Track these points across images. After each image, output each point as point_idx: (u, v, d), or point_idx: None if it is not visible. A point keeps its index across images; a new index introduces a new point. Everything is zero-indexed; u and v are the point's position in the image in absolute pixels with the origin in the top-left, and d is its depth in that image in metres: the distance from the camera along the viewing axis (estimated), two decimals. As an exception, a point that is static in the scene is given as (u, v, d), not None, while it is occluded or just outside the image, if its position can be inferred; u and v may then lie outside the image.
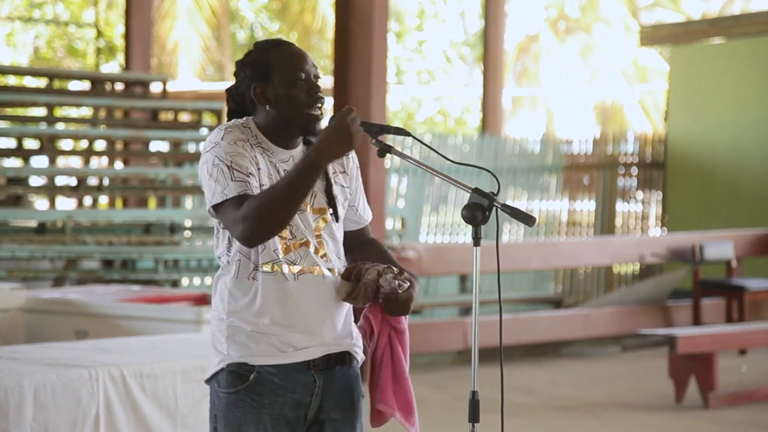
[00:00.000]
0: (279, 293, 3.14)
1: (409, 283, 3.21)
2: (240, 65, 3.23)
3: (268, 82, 3.18)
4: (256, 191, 3.08)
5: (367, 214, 3.38)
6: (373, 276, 3.18)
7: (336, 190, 3.26)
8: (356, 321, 3.31)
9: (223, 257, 3.19)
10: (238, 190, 3.06)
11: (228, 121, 3.25)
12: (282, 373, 3.16)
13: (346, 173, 3.30)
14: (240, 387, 3.14)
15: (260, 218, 3.01)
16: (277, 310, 3.14)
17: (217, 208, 3.10)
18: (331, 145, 3.03)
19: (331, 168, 3.26)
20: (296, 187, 3.02)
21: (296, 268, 3.16)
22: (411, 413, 3.28)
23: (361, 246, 3.34)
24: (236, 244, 3.13)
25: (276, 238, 3.14)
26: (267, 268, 3.13)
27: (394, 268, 3.22)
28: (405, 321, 3.28)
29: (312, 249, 3.19)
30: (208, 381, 3.25)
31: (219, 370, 3.18)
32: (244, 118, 3.22)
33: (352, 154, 3.34)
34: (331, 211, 3.23)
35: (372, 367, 3.27)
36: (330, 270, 3.21)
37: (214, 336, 3.21)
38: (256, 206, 3.01)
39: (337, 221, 3.25)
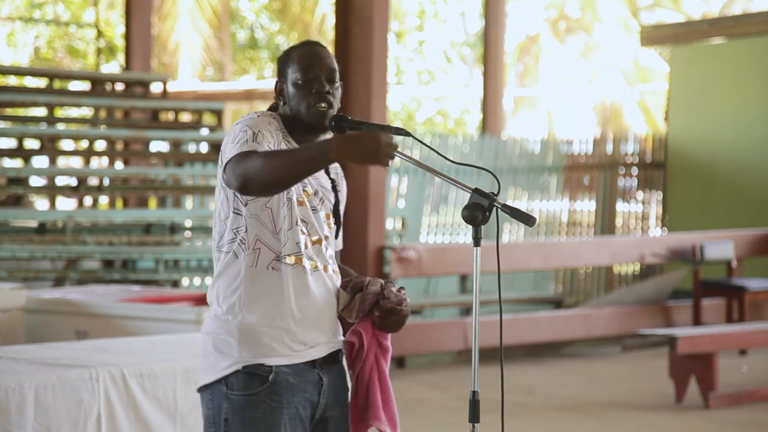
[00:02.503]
0: (298, 286, 3.15)
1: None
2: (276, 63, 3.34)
3: (284, 80, 3.26)
4: None
5: (340, 241, 3.40)
6: (377, 288, 3.22)
7: (340, 207, 3.33)
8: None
9: (228, 245, 3.16)
10: (252, 148, 3.05)
11: None
12: (295, 373, 3.16)
13: (341, 192, 3.37)
14: (260, 389, 3.11)
15: (263, 172, 2.95)
16: (294, 303, 3.14)
17: (228, 162, 3.06)
18: (352, 144, 2.95)
19: (338, 183, 3.33)
20: (297, 166, 2.96)
21: (313, 264, 3.19)
22: (396, 427, 3.31)
23: None
24: (254, 231, 3.12)
25: (299, 231, 3.16)
26: (290, 260, 3.14)
27: (394, 282, 3.29)
28: (389, 339, 3.31)
29: (324, 247, 3.23)
30: (208, 386, 3.16)
31: (232, 373, 3.12)
32: (270, 112, 3.26)
33: (342, 174, 3.38)
34: (334, 220, 3.29)
35: (359, 384, 3.28)
36: (334, 272, 3.26)
37: (218, 338, 3.15)
38: (259, 162, 2.96)
39: (336, 235, 3.31)
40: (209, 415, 3.18)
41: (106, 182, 12.68)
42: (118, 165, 13.97)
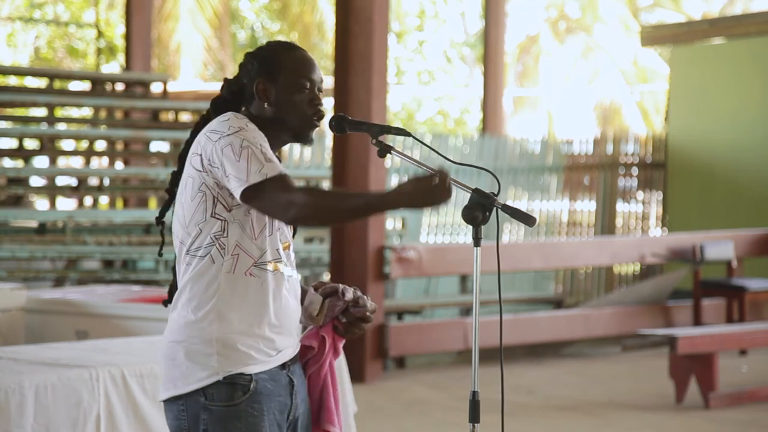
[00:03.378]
0: (276, 293, 3.12)
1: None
2: (249, 57, 3.22)
3: (272, 81, 3.17)
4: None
5: None
6: (351, 296, 3.25)
7: None
8: None
9: (204, 249, 3.09)
10: (278, 170, 3.01)
11: (213, 108, 3.23)
12: (271, 378, 3.12)
13: None
14: (242, 398, 3.06)
15: (317, 213, 2.97)
16: (272, 310, 3.11)
17: (252, 188, 2.99)
18: (421, 198, 2.95)
19: None
20: (361, 210, 2.98)
21: (288, 269, 3.17)
22: (341, 428, 3.35)
23: None
24: (234, 236, 3.06)
25: (278, 237, 3.13)
26: (271, 266, 3.10)
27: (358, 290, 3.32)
28: (342, 344, 3.34)
29: (291, 252, 3.21)
30: (179, 396, 3.09)
31: (212, 383, 3.05)
32: (240, 112, 3.19)
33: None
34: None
35: (311, 387, 3.28)
36: (297, 276, 3.28)
37: (193, 347, 3.07)
38: (318, 202, 2.96)
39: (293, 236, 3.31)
40: (181, 426, 3.10)
41: (106, 182, 12.69)
42: (118, 165, 13.98)
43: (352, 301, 3.25)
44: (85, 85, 16.27)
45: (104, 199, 14.73)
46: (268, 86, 3.17)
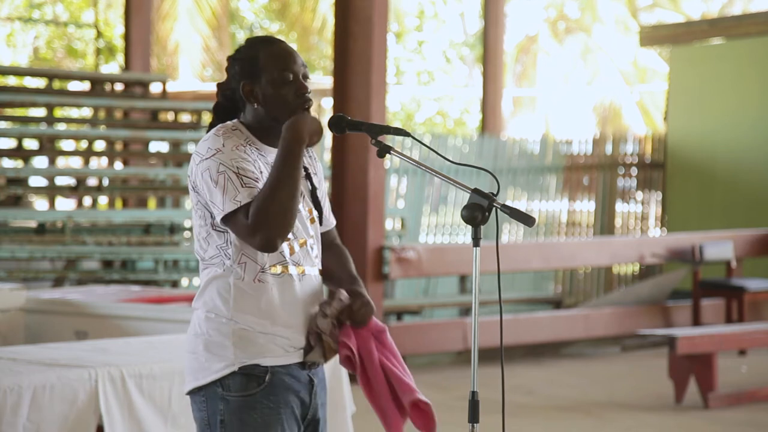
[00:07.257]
0: (286, 295, 3.14)
1: (345, 292, 3.21)
2: (230, 61, 3.22)
3: (256, 81, 3.17)
4: None
5: (332, 218, 3.39)
6: (325, 324, 3.15)
7: (318, 193, 3.29)
8: None
9: (217, 258, 3.14)
10: (253, 195, 3.04)
11: (214, 114, 3.25)
12: (288, 373, 3.15)
13: (316, 175, 3.32)
14: (257, 389, 3.10)
15: (271, 220, 3.01)
16: (284, 312, 3.13)
17: (228, 216, 3.06)
18: (300, 129, 3.09)
19: (310, 168, 3.29)
20: (283, 177, 3.03)
21: (300, 269, 3.17)
22: (418, 407, 3.34)
23: (324, 249, 3.34)
24: (238, 246, 3.11)
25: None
26: (276, 270, 3.13)
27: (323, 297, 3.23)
28: (377, 322, 3.26)
29: (309, 249, 3.21)
30: (201, 388, 3.14)
31: (228, 374, 3.10)
32: (233, 122, 3.20)
33: (315, 155, 3.36)
34: (316, 213, 3.26)
35: (377, 383, 3.24)
36: (319, 271, 3.25)
37: (211, 340, 3.13)
38: (262, 211, 3.00)
39: (321, 224, 3.29)
40: (203, 417, 3.16)
41: (106, 182, 12.69)
42: (118, 165, 13.97)
43: (334, 316, 3.16)
44: (84, 86, 16.26)
45: (103, 200, 14.73)
46: (253, 87, 3.18)
